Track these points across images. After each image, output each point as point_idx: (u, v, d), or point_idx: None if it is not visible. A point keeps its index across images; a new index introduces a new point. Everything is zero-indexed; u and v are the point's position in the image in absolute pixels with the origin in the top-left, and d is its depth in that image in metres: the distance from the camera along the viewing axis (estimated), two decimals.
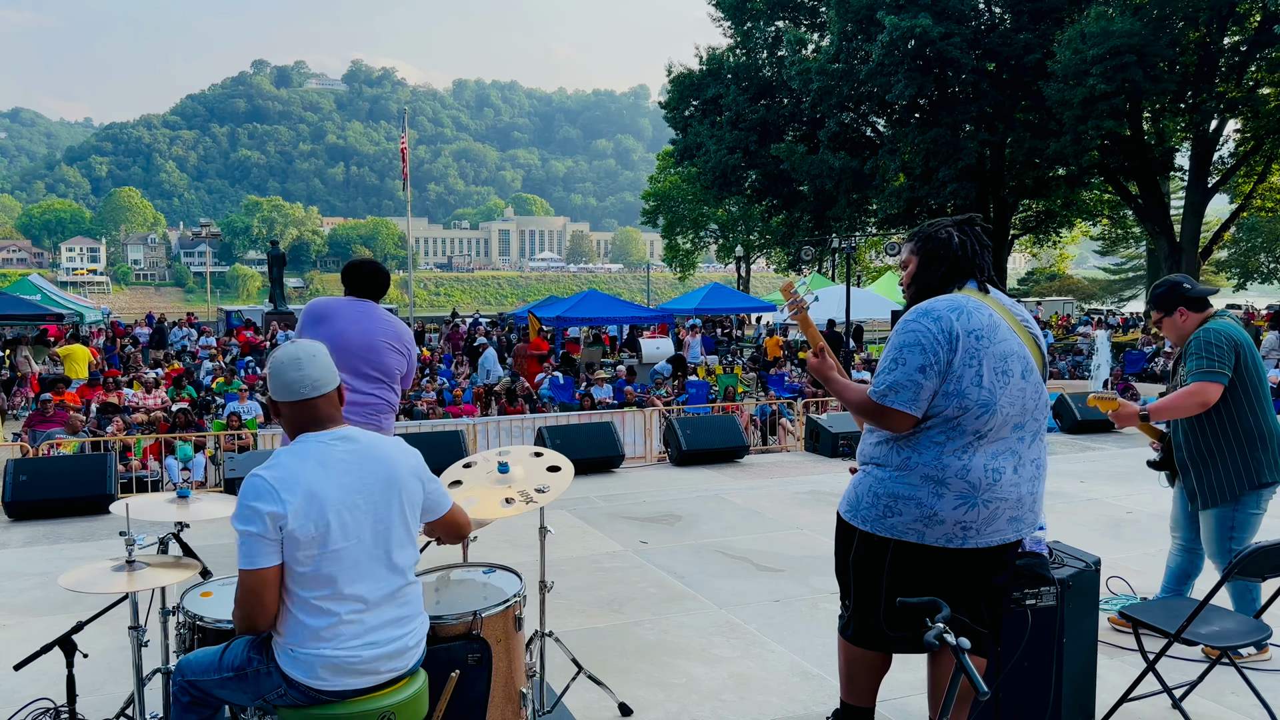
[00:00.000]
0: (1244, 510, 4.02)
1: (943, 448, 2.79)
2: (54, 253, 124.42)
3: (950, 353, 2.76)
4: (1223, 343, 3.90)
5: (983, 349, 2.77)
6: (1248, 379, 3.95)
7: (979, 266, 2.95)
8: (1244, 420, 3.96)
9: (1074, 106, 24.43)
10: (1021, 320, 2.93)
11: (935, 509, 2.79)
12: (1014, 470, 2.83)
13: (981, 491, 2.78)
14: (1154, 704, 3.65)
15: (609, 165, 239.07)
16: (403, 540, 2.51)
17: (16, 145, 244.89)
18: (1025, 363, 2.84)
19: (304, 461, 2.41)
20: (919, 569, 2.87)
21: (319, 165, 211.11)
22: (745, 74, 34.39)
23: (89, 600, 4.04)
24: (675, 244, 51.40)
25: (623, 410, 12.09)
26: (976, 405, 2.76)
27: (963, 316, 2.78)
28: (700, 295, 26.82)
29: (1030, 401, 2.86)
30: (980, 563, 2.90)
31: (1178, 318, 4.11)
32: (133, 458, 10.52)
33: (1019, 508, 2.86)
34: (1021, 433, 2.86)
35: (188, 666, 2.57)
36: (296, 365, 2.48)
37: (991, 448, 2.80)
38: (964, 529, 2.81)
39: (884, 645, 3.00)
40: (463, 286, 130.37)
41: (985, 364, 2.76)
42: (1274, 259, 53.08)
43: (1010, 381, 2.79)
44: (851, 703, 3.12)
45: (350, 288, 4.46)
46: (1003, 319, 2.84)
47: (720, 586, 5.33)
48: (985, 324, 2.79)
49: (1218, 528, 4.06)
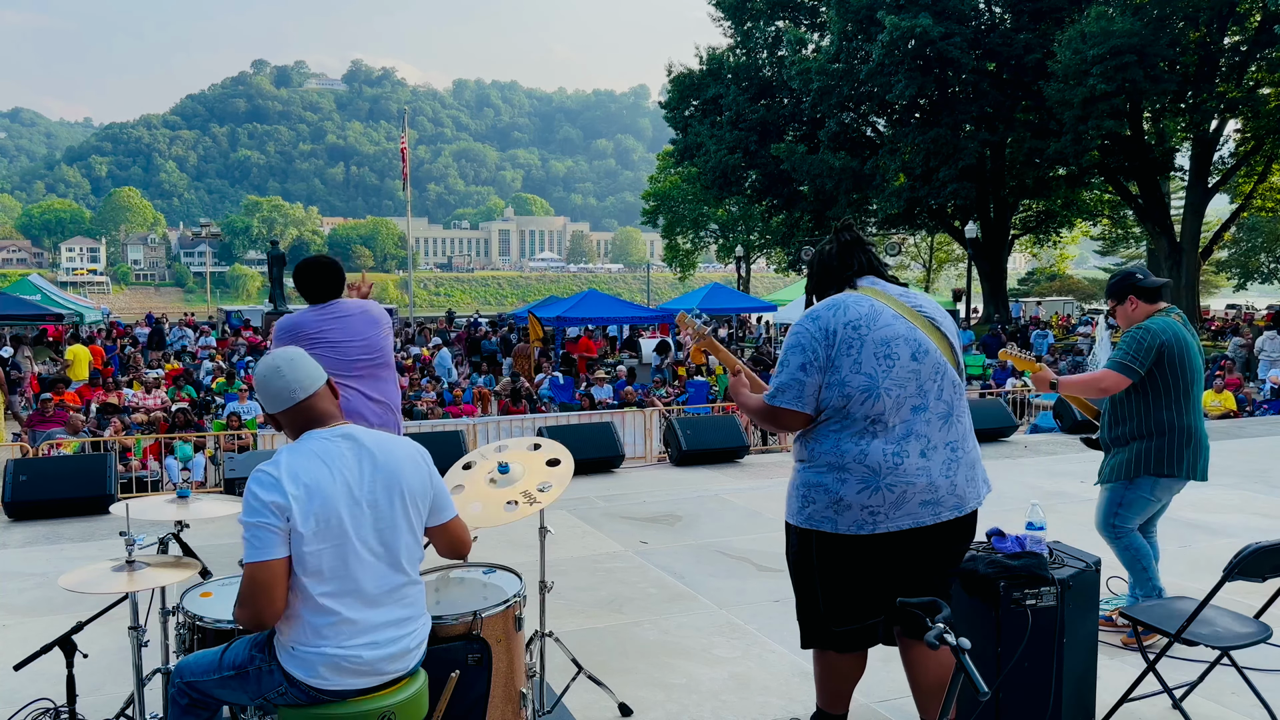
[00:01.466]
0: (1135, 491, 4.22)
1: (839, 435, 2.90)
2: (54, 253, 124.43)
3: (828, 348, 2.88)
4: (1147, 340, 4.09)
5: (860, 337, 2.86)
6: (1170, 375, 4.13)
7: (848, 265, 3.06)
8: (1158, 414, 4.16)
9: (1074, 106, 24.43)
10: (915, 307, 2.98)
11: (840, 494, 2.88)
12: (921, 454, 2.87)
13: (883, 476, 2.85)
14: (1154, 704, 3.65)
15: (609, 165, 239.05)
16: (407, 539, 2.51)
17: (16, 145, 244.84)
18: (916, 345, 2.89)
19: (306, 458, 2.41)
20: (843, 559, 2.94)
21: (319, 165, 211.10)
22: (745, 74, 34.38)
23: (89, 600, 4.04)
24: (675, 244, 51.37)
25: (623, 410, 12.08)
26: (859, 391, 2.85)
27: (839, 312, 2.91)
28: (700, 295, 26.80)
29: (928, 383, 2.90)
30: (905, 548, 2.92)
31: (1128, 306, 4.28)
32: (132, 458, 10.52)
33: (932, 492, 2.88)
34: (925, 415, 2.90)
35: (186, 668, 2.56)
36: (278, 374, 2.49)
37: (891, 432, 2.87)
38: (871, 514, 2.87)
39: (832, 642, 3.02)
40: (463, 286, 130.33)
41: (864, 351, 2.86)
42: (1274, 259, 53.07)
43: (896, 364, 2.87)
44: (824, 709, 3.14)
45: (311, 294, 4.38)
46: (887, 307, 2.93)
47: (720, 587, 5.33)
48: (863, 314, 2.89)
49: (1108, 502, 4.30)
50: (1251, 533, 6.17)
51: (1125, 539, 4.26)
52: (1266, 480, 8.03)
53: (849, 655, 3.04)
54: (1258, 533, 6.13)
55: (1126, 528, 4.25)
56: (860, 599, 2.96)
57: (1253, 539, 3.42)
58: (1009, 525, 3.61)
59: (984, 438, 10.09)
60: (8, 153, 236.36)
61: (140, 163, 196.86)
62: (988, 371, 19.29)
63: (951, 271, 55.77)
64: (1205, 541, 6.12)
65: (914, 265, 52.02)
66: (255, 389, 2.57)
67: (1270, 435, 10.53)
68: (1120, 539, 4.27)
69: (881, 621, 3.01)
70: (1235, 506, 7.08)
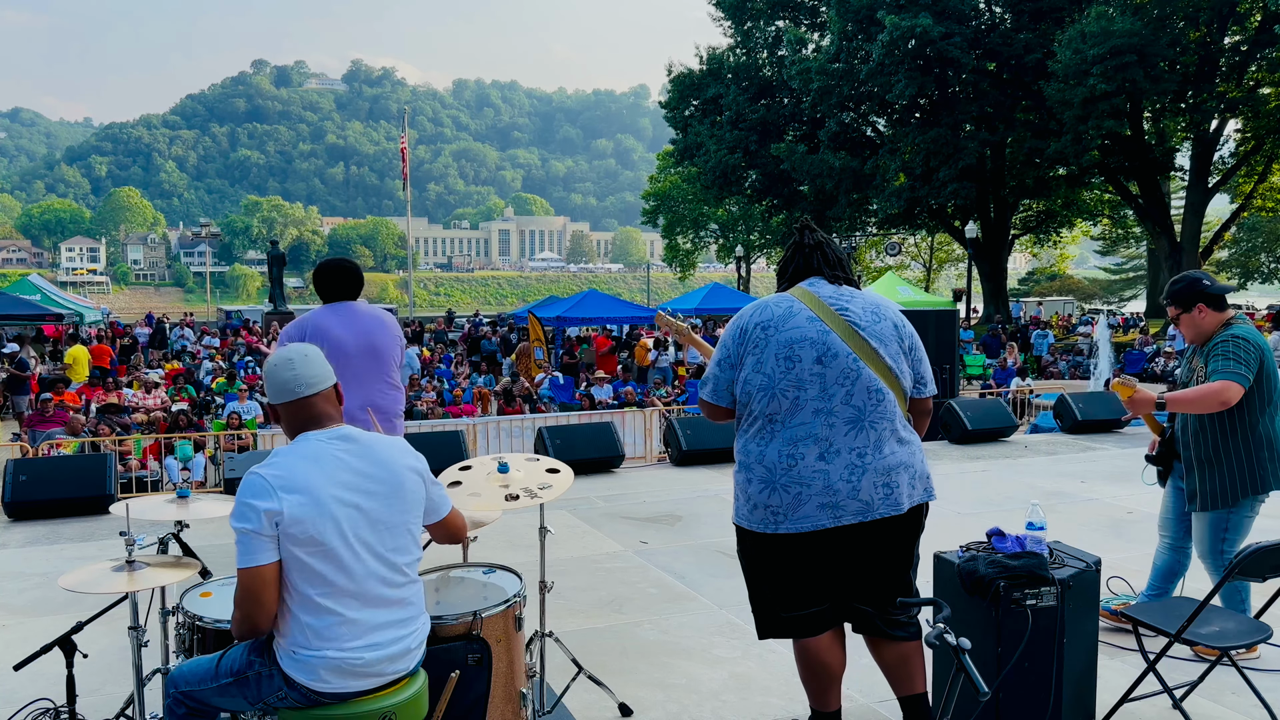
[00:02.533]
0: (1239, 514, 4.00)
1: (745, 434, 3.04)
2: (54, 253, 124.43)
3: (740, 345, 3.01)
4: (1251, 347, 3.87)
5: (767, 338, 2.96)
6: (1265, 384, 3.93)
7: (789, 266, 3.15)
8: (1256, 425, 3.94)
9: (1074, 106, 24.44)
10: (840, 311, 2.97)
11: (748, 492, 3.01)
12: (819, 457, 2.90)
13: (779, 475, 2.93)
14: (1154, 704, 3.64)
15: (609, 165, 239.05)
16: (404, 540, 2.50)
17: (16, 145, 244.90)
18: (824, 349, 2.92)
19: (302, 460, 2.40)
20: (764, 555, 3.05)
21: (319, 165, 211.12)
22: (745, 74, 34.40)
23: (89, 600, 4.04)
24: (675, 244, 51.38)
25: (623, 410, 12.09)
26: (757, 390, 2.95)
27: (757, 312, 3.03)
28: (700, 295, 26.76)
29: (834, 387, 2.91)
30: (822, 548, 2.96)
31: (1196, 314, 4.02)
32: (132, 457, 10.52)
33: (830, 495, 2.89)
34: (830, 419, 2.91)
35: (181, 678, 2.53)
36: (289, 365, 2.50)
37: (788, 432, 2.93)
38: (773, 513, 2.94)
39: (785, 629, 3.07)
40: (463, 286, 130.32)
41: (767, 351, 2.94)
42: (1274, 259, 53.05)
43: (796, 366, 2.91)
44: (815, 708, 3.17)
45: (326, 294, 4.39)
46: (805, 309, 2.97)
47: (721, 586, 5.33)
48: (777, 315, 2.98)
49: (1212, 529, 4.04)
50: (1251, 533, 6.16)
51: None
52: None
53: (816, 644, 3.06)
54: (1258, 533, 6.11)
55: (1234, 551, 3.94)
56: (794, 590, 3.03)
57: (1253, 539, 3.42)
58: (1009, 525, 3.61)
59: (984, 438, 10.09)
60: (8, 153, 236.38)
61: (140, 163, 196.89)
62: (988, 371, 19.31)
63: (951, 271, 55.76)
64: None
65: (914, 265, 52.01)
66: (264, 376, 2.58)
67: None
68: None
69: (829, 610, 3.05)
70: None
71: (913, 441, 3.05)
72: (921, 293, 21.62)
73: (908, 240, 45.91)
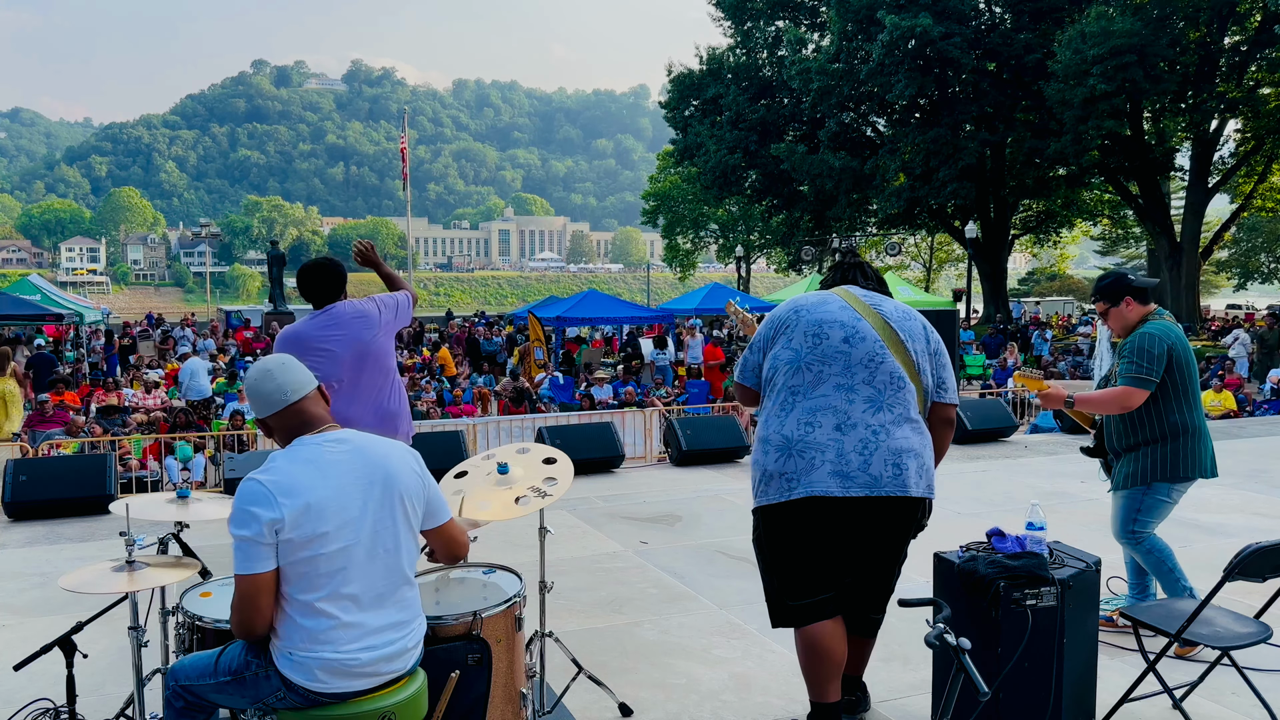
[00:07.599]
0: (1153, 496, 4.20)
1: (768, 412, 3.18)
2: (54, 253, 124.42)
3: (772, 330, 3.24)
4: (1157, 348, 4.05)
5: (798, 319, 3.18)
6: (1178, 376, 4.12)
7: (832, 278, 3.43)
8: (1171, 416, 4.14)
9: (1074, 106, 24.45)
10: (873, 306, 3.20)
11: (766, 466, 3.14)
12: (836, 428, 3.05)
13: (795, 442, 3.08)
14: (1154, 704, 3.64)
15: (609, 165, 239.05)
16: (401, 541, 2.50)
17: (16, 145, 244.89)
18: (852, 330, 3.12)
19: (299, 464, 2.40)
20: (778, 530, 3.14)
21: (319, 165, 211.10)
22: (745, 74, 34.40)
23: (89, 600, 4.04)
24: (675, 244, 51.39)
25: (623, 410, 12.08)
26: (784, 364, 3.15)
27: (792, 304, 3.26)
28: (700, 295, 26.72)
29: (858, 366, 3.09)
30: (830, 520, 3.06)
31: (1124, 308, 4.23)
32: (131, 457, 10.52)
33: (843, 464, 3.02)
34: (850, 395, 3.07)
35: (181, 671, 2.54)
36: (268, 376, 2.50)
37: (809, 403, 3.09)
38: (788, 480, 3.08)
39: (793, 618, 3.16)
40: (463, 286, 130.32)
41: (797, 329, 3.16)
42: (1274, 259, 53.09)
43: (824, 342, 3.11)
44: (815, 699, 3.22)
45: (309, 297, 4.36)
46: (839, 299, 3.21)
47: (720, 587, 5.33)
48: (810, 303, 3.22)
49: (1125, 509, 4.26)
50: (1251, 533, 6.17)
51: (1146, 543, 4.24)
52: (1266, 480, 8.03)
53: (820, 630, 3.12)
54: (1258, 533, 6.13)
55: (1146, 533, 4.24)
56: (804, 572, 3.11)
57: (1253, 539, 3.42)
58: (1009, 525, 3.61)
59: (984, 438, 10.08)
60: (8, 153, 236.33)
61: (140, 163, 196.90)
62: (988, 371, 19.31)
63: (951, 271, 55.80)
64: (1205, 541, 6.12)
65: (914, 265, 52.02)
66: (246, 394, 2.57)
67: (1270, 435, 10.52)
68: (1141, 544, 4.25)
69: (833, 598, 3.15)
70: (1235, 506, 7.08)
71: (925, 435, 3.18)
72: (921, 293, 21.61)
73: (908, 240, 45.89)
